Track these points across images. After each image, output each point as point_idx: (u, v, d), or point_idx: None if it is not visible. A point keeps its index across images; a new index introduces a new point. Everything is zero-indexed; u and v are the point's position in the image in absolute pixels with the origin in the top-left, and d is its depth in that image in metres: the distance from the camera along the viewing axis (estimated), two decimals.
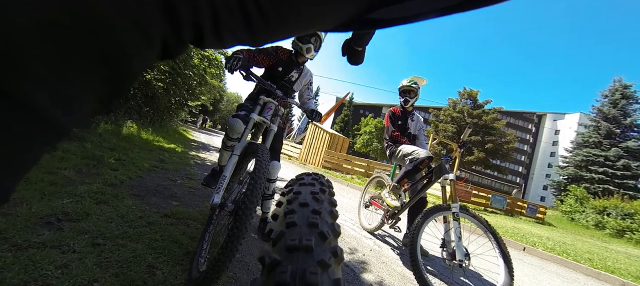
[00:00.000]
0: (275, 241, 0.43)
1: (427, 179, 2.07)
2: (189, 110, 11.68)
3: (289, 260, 0.36)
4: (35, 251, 0.94)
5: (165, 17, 0.22)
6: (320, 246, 0.39)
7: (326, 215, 0.49)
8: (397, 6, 0.29)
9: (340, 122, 39.44)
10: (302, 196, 0.55)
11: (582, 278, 3.25)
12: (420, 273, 1.56)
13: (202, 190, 2.59)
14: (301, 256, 0.37)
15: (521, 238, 4.57)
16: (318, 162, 11.33)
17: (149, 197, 1.95)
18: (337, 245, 0.43)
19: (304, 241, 0.38)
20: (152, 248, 1.20)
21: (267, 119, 1.54)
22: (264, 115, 1.54)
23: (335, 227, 0.47)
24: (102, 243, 1.11)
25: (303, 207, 0.50)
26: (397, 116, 2.65)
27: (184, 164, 3.77)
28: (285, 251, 0.38)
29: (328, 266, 0.36)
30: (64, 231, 1.11)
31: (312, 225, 0.43)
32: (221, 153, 1.78)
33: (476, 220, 1.66)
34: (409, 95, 2.59)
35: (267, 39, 0.31)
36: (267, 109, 1.56)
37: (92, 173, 2.08)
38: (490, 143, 22.25)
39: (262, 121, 1.53)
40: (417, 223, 1.76)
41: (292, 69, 1.95)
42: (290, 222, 0.45)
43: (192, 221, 1.69)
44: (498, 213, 9.95)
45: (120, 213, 1.47)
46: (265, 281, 0.35)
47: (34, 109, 0.18)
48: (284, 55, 1.95)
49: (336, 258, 0.40)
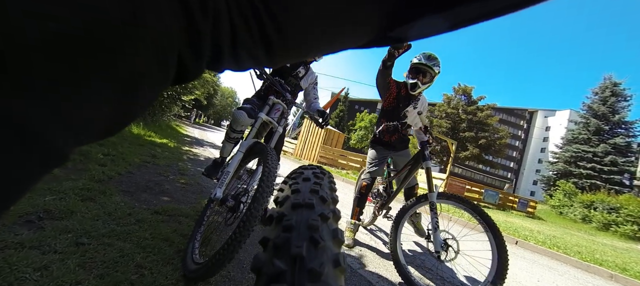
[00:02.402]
0: (281, 203, 0.47)
1: (410, 166, 2.03)
2: (182, 105, 11.45)
3: (293, 214, 0.41)
4: (12, 252, 0.88)
5: (186, 37, 0.21)
6: (320, 205, 0.44)
7: (326, 188, 0.53)
8: (415, 23, 0.29)
9: (335, 117, 39.39)
10: (305, 174, 0.59)
11: (573, 271, 3.32)
12: (401, 268, 1.56)
13: (195, 186, 2.53)
14: (304, 211, 0.41)
15: (513, 232, 4.65)
16: (313, 158, 11.30)
17: (139, 193, 1.88)
18: (335, 208, 0.47)
19: (307, 200, 0.43)
20: (141, 247, 1.14)
21: (274, 120, 1.55)
22: (271, 115, 1.55)
23: (335, 198, 0.52)
24: (86, 243, 1.05)
25: (306, 181, 0.54)
26: (401, 96, 2.21)
27: (176, 159, 3.68)
28: (290, 208, 0.43)
29: (327, 219, 0.41)
30: (45, 231, 1.05)
31: (313, 191, 0.48)
32: (224, 145, 1.78)
33: (461, 204, 1.57)
34: (422, 78, 2.10)
35: (285, 59, 0.31)
36: (275, 110, 1.58)
37: (79, 169, 1.99)
38: (484, 139, 22.56)
39: (269, 121, 1.54)
40: (397, 217, 1.74)
41: (299, 64, 1.97)
42: (295, 189, 0.49)
43: (184, 218, 1.63)
44: (491, 207, 10.13)
45: (108, 210, 1.41)
46: (273, 230, 0.39)
47: (35, 133, 0.16)
48: None
49: (335, 216, 0.45)
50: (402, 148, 2.35)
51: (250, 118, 1.56)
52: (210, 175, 1.73)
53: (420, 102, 2.29)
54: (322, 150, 11.20)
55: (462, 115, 23.23)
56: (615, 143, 20.38)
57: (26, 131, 0.16)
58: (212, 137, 11.96)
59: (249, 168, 1.58)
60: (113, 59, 0.17)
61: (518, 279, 2.36)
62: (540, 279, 2.57)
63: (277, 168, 1.12)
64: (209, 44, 0.23)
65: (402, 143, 2.36)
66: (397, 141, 2.32)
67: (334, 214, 0.45)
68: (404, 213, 1.77)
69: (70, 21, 0.15)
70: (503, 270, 1.33)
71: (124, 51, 0.18)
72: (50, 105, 0.16)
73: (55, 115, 0.17)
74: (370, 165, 2.34)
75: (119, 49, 0.17)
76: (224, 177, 1.25)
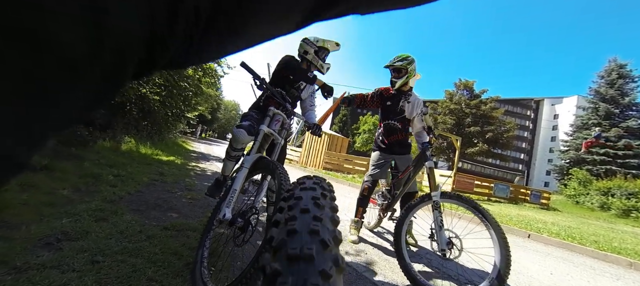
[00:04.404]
0: (275, 247, 0.43)
1: (413, 167, 2.07)
2: (187, 121, 11.72)
3: (288, 273, 0.36)
4: (35, 272, 0.95)
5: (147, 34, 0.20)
6: (321, 256, 0.39)
7: (327, 222, 0.49)
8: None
9: (338, 122, 39.48)
10: (303, 201, 0.55)
11: (589, 261, 3.24)
12: (407, 269, 1.59)
13: (202, 201, 2.60)
14: (302, 265, 0.37)
15: (526, 225, 4.56)
16: (318, 164, 11.33)
17: (149, 211, 1.96)
18: (338, 253, 0.43)
19: (305, 251, 0.39)
20: (151, 261, 1.20)
21: (275, 132, 1.52)
22: (272, 127, 1.52)
23: (335, 220, 0.48)
24: (101, 260, 1.11)
25: (304, 214, 0.50)
26: (385, 96, 2.36)
27: (183, 175, 3.78)
28: (286, 262, 0.38)
29: (330, 277, 0.37)
30: (63, 251, 1.12)
31: (313, 232, 0.44)
32: (225, 163, 1.76)
33: (463, 203, 1.60)
34: (397, 74, 2.27)
35: (234, 48, 0.30)
36: (275, 121, 1.54)
37: (91, 191, 2.09)
38: (490, 132, 22.24)
39: (270, 133, 1.50)
40: (400, 218, 1.77)
41: (303, 77, 1.93)
42: (291, 229, 0.45)
43: (192, 232, 1.69)
44: (502, 201, 9.92)
45: (120, 229, 1.48)
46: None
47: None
48: (295, 62, 1.93)
49: (338, 267, 0.40)
50: (405, 153, 2.40)
51: (250, 135, 1.54)
52: (213, 194, 1.73)
53: (412, 98, 2.33)
54: (327, 156, 11.23)
55: (465, 110, 22.97)
56: (627, 126, 19.82)
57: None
58: (218, 150, 12.14)
59: (255, 180, 1.57)
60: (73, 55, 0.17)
61: (530, 273, 2.33)
62: (553, 271, 2.52)
63: (289, 183, 1.09)
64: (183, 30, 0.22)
65: (404, 147, 2.40)
66: (398, 144, 2.36)
67: (336, 261, 0.40)
68: (408, 213, 1.80)
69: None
70: (506, 265, 1.34)
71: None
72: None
73: (10, 119, 0.17)
74: (373, 168, 2.39)
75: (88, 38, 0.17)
76: (231, 195, 1.22)
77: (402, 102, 2.30)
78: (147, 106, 6.91)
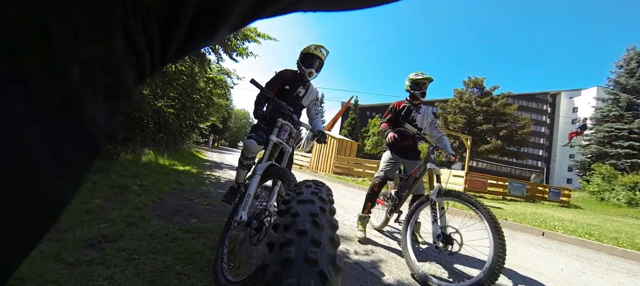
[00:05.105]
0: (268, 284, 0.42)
1: (420, 168, 2.18)
2: (200, 132, 12.17)
3: None
4: (85, 267, 1.12)
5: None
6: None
7: (327, 245, 0.48)
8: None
9: (347, 126, 39.49)
10: (300, 220, 0.52)
11: (606, 258, 3.18)
12: (412, 265, 1.72)
13: (218, 207, 2.78)
14: None
15: (540, 224, 4.48)
16: (329, 169, 11.43)
17: (172, 216, 2.15)
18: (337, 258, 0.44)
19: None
20: (178, 259, 1.37)
21: (284, 141, 1.65)
22: (281, 136, 1.65)
23: (337, 261, 0.46)
24: (137, 258, 1.28)
25: (302, 235, 0.48)
26: (398, 110, 2.54)
27: (199, 184, 4.00)
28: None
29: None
30: (105, 251, 1.30)
31: (310, 261, 0.42)
32: (238, 172, 1.92)
33: (460, 200, 1.69)
34: (420, 89, 2.45)
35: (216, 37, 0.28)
36: (283, 131, 1.67)
37: (121, 200, 2.30)
38: (504, 129, 21.60)
39: (279, 142, 1.64)
40: (406, 219, 1.91)
41: (298, 85, 2.10)
42: (287, 258, 0.43)
43: (211, 234, 1.86)
44: (518, 200, 9.65)
45: (148, 232, 1.66)
46: None
47: (90, 131, 0.19)
48: (289, 75, 2.12)
49: (335, 267, 0.41)
50: (414, 158, 2.53)
51: (260, 145, 1.70)
52: (229, 201, 1.89)
53: (422, 109, 2.55)
54: (337, 161, 11.33)
55: (476, 108, 22.46)
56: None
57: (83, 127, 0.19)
58: (230, 158, 12.48)
59: (266, 186, 1.72)
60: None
61: (539, 269, 2.34)
62: (565, 268, 2.52)
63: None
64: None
65: (414, 152, 2.55)
66: (409, 149, 2.51)
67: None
68: (412, 213, 1.91)
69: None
70: (501, 253, 1.41)
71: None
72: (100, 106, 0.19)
73: (103, 115, 0.20)
74: (384, 165, 2.50)
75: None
76: (246, 200, 1.34)
77: (414, 113, 2.51)
78: (163, 119, 7.30)
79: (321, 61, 2.10)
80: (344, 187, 7.29)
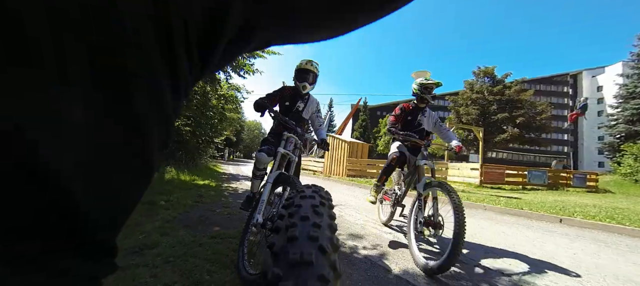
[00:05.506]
0: (277, 255, 0.47)
1: (413, 168, 2.36)
2: (215, 146, 12.71)
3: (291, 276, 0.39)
4: (133, 269, 1.37)
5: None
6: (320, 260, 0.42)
7: (326, 229, 0.53)
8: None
9: (359, 128, 39.43)
10: (303, 209, 0.59)
11: (627, 240, 3.10)
12: (413, 254, 1.90)
13: (238, 215, 3.02)
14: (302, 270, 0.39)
15: (559, 211, 4.39)
16: (342, 173, 11.55)
17: (196, 225, 2.40)
18: (336, 259, 0.48)
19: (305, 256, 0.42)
20: (207, 260, 1.59)
21: (290, 152, 1.87)
22: (287, 148, 1.86)
23: (334, 241, 0.51)
24: (172, 260, 1.52)
25: (304, 220, 0.54)
26: (407, 111, 2.66)
27: (219, 196, 4.29)
28: (287, 266, 0.42)
29: (327, 282, 0.40)
30: (146, 256, 1.55)
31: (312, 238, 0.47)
32: (252, 182, 2.17)
33: (440, 188, 1.89)
34: (429, 93, 2.54)
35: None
36: (289, 143, 1.89)
37: (151, 214, 2.59)
38: (521, 117, 20.79)
39: (286, 153, 1.85)
40: (409, 213, 2.09)
41: (296, 100, 2.30)
42: (292, 236, 0.49)
43: (233, 239, 2.08)
44: (540, 189, 9.31)
45: (179, 240, 1.91)
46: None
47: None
48: (288, 91, 2.34)
49: (336, 272, 0.44)
50: (415, 155, 2.66)
51: (270, 157, 1.92)
52: (246, 208, 2.13)
53: (427, 112, 2.69)
54: (349, 164, 11.44)
55: (488, 98, 21.79)
56: None
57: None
58: (246, 170, 12.89)
59: (278, 193, 1.93)
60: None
61: (551, 254, 2.36)
62: (579, 252, 2.52)
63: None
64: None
65: (415, 150, 2.67)
66: (414, 148, 2.66)
67: (334, 267, 0.44)
68: (412, 207, 2.06)
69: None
70: (460, 230, 1.59)
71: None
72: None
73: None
74: (398, 145, 2.62)
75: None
76: (260, 205, 1.52)
77: (420, 116, 2.65)
78: (181, 137, 7.78)
79: (314, 74, 2.28)
80: (358, 189, 7.39)
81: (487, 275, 1.79)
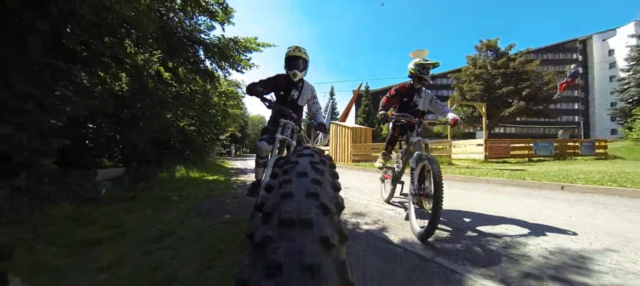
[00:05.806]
0: (267, 215, 0.37)
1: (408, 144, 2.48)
2: (221, 143, 12.97)
3: (283, 237, 0.32)
4: (157, 253, 1.54)
5: None
6: (322, 221, 0.34)
7: (328, 187, 0.44)
8: None
9: (362, 113, 39.26)
10: (300, 165, 0.48)
11: (627, 201, 3.16)
12: (411, 223, 2.05)
13: (246, 203, 3.19)
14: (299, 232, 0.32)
15: (561, 179, 4.43)
16: (347, 158, 11.70)
17: (209, 214, 2.58)
18: (340, 220, 0.39)
19: (303, 215, 0.34)
20: (220, 240, 1.76)
21: (288, 136, 1.98)
22: (284, 134, 1.98)
23: (339, 200, 0.42)
24: (190, 243, 1.69)
25: (301, 176, 0.44)
26: (403, 93, 2.67)
27: (228, 188, 4.49)
28: (278, 226, 0.33)
29: (332, 246, 0.32)
30: (168, 240, 1.73)
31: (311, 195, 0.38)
32: (256, 170, 2.30)
33: (428, 161, 1.96)
34: (426, 73, 2.53)
35: None
36: (286, 128, 2.00)
37: (165, 208, 2.79)
38: (527, 89, 20.29)
39: (284, 138, 1.97)
40: (409, 189, 2.19)
41: (290, 89, 2.35)
42: (287, 193, 0.39)
43: (242, 223, 2.25)
44: (546, 160, 9.26)
45: (194, 227, 2.09)
46: (255, 262, 0.30)
47: None
48: (281, 80, 2.40)
49: (341, 235, 0.36)
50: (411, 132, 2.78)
51: (270, 144, 2.02)
52: (252, 194, 2.27)
53: (423, 93, 2.69)
54: (353, 149, 11.55)
55: (492, 72, 21.26)
56: None
57: None
58: (253, 163, 13.13)
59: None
60: None
61: (544, 218, 2.45)
62: (574, 214, 2.59)
63: None
64: None
65: (411, 129, 2.75)
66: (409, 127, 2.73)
67: (339, 229, 0.35)
68: (412, 183, 2.17)
69: None
70: (437, 193, 1.73)
71: None
72: None
73: None
74: (394, 118, 2.65)
75: None
76: (261, 189, 1.66)
77: (416, 97, 2.67)
78: (187, 137, 8.00)
79: (304, 60, 2.28)
80: (363, 173, 7.53)
81: (480, 239, 1.91)
